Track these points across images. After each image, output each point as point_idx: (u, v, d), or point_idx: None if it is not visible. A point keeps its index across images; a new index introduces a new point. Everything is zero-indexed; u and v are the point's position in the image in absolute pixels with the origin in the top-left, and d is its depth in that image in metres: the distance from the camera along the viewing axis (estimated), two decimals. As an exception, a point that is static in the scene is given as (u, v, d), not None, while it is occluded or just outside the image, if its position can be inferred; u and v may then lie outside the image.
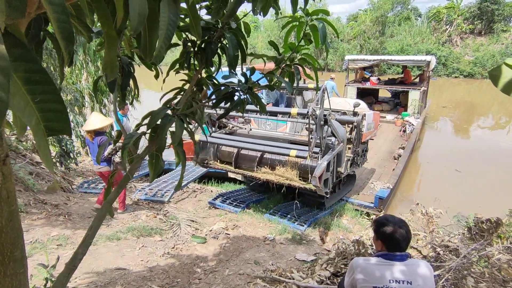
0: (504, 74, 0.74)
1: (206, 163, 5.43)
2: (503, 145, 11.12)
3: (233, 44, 1.69)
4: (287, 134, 5.56)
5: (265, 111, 1.91)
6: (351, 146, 5.44)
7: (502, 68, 0.73)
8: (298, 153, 4.20)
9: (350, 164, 5.44)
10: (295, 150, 4.26)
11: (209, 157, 5.47)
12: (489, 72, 0.78)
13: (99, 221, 1.46)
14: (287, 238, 4.46)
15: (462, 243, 2.72)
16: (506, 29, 27.78)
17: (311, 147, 4.10)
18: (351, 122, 5.26)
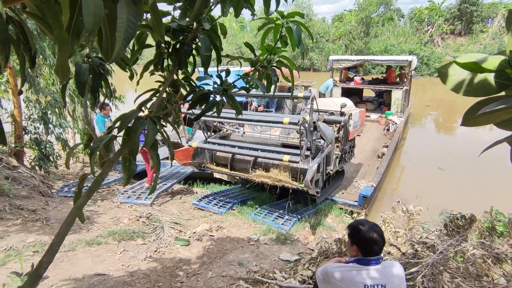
0: (453, 72, 0.74)
1: (203, 167, 5.68)
2: (483, 142, 11.46)
3: (205, 45, 1.67)
4: (279, 136, 5.73)
5: (241, 113, 1.89)
6: (339, 145, 5.70)
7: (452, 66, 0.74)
8: (291, 158, 4.48)
9: (338, 161, 5.78)
10: (287, 155, 4.52)
11: (206, 160, 5.76)
12: (438, 69, 0.78)
13: (67, 227, 1.42)
14: (272, 238, 4.46)
15: (439, 239, 2.78)
16: (484, 30, 28.69)
17: (302, 151, 4.33)
18: (339, 122, 5.52)
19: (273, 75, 2.04)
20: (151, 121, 1.61)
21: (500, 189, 7.58)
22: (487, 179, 8.14)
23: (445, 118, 15.23)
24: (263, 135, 5.93)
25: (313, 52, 32.53)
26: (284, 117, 4.53)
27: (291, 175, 4.92)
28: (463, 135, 12.65)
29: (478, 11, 28.55)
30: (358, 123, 6.65)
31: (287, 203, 5.63)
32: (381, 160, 8.19)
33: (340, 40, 32.18)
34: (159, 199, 6.04)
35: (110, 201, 5.50)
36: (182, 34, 1.75)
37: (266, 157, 4.82)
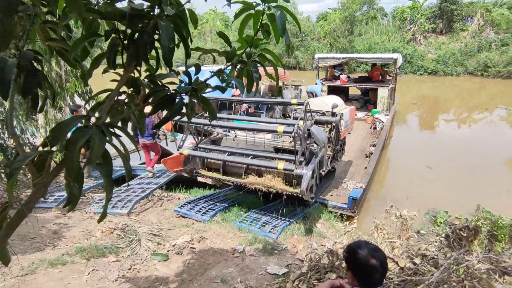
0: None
1: (194, 173, 5.54)
2: (469, 139, 11.53)
3: (168, 34, 1.33)
4: (271, 139, 5.61)
5: (215, 118, 1.58)
6: (330, 145, 5.67)
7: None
8: (286, 166, 4.42)
9: (330, 161, 5.73)
10: (282, 163, 4.46)
11: (197, 166, 5.61)
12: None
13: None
14: (258, 248, 4.15)
15: (440, 251, 2.54)
16: (464, 28, 29.26)
17: (297, 158, 4.27)
18: (330, 122, 5.52)
19: (254, 71, 1.72)
20: (97, 130, 1.26)
21: (487, 186, 7.54)
22: (475, 176, 8.11)
23: (429, 115, 15.32)
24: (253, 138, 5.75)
25: (298, 50, 32.43)
26: (278, 125, 4.43)
27: (284, 180, 4.80)
28: (447, 131, 12.71)
29: (458, 10, 29.08)
30: (349, 122, 6.57)
31: (281, 209, 5.46)
32: (369, 159, 8.03)
33: (325, 38, 32.20)
34: (137, 207, 5.64)
35: (82, 212, 5.07)
36: (141, 21, 1.41)
37: (260, 165, 4.74)
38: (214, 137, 5.97)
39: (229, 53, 1.54)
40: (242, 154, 5.04)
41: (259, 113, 9.89)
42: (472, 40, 27.49)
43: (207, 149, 5.44)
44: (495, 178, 8.06)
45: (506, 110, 15.28)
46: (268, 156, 4.90)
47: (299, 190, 4.33)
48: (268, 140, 5.58)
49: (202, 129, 5.59)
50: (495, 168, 8.73)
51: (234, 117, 6.14)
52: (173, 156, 5.48)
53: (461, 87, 22.87)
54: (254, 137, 5.67)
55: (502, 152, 10.05)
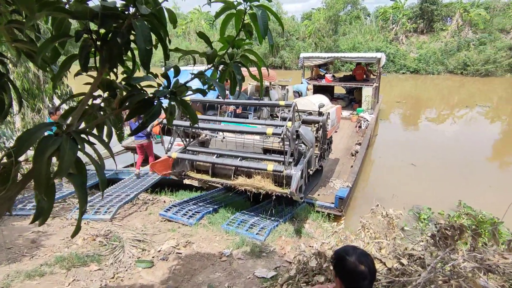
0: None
1: (184, 175, 5.51)
2: (451, 136, 11.82)
3: (144, 35, 1.26)
4: (260, 140, 5.60)
5: (197, 122, 1.51)
6: (318, 144, 5.71)
7: None
8: (275, 167, 4.44)
9: (318, 160, 5.78)
10: (271, 164, 4.48)
11: (186, 168, 5.57)
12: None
13: None
14: (246, 251, 4.09)
15: (427, 251, 2.55)
16: (444, 28, 30.05)
17: (286, 159, 4.29)
18: (317, 122, 5.57)
19: (237, 73, 1.66)
20: (68, 138, 1.18)
21: (469, 182, 7.74)
22: (457, 172, 8.31)
23: (412, 113, 15.64)
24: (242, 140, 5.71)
25: (284, 50, 32.54)
26: (267, 127, 4.44)
27: (274, 180, 4.82)
28: (429, 129, 13.00)
29: (438, 10, 29.84)
30: (335, 121, 6.67)
31: (270, 210, 5.46)
32: (355, 158, 8.09)
33: (310, 38, 32.42)
34: (121, 212, 5.48)
35: (63, 218, 4.88)
36: (115, 21, 1.33)
37: (250, 166, 4.72)
38: (203, 139, 5.91)
39: (210, 55, 1.47)
40: (231, 156, 4.99)
41: (246, 114, 9.84)
42: (451, 40, 28.26)
43: (196, 152, 5.38)
44: (477, 174, 8.27)
45: (485, 107, 15.76)
46: (257, 157, 4.90)
47: (289, 191, 4.34)
48: (257, 141, 5.56)
49: (190, 131, 5.54)
50: (476, 164, 8.98)
51: (222, 119, 6.09)
52: (161, 159, 5.41)
53: (442, 86, 23.47)
54: (242, 138, 5.64)
55: (482, 148, 10.35)
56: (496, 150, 10.63)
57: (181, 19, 44.18)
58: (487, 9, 29.42)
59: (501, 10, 29.74)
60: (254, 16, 1.46)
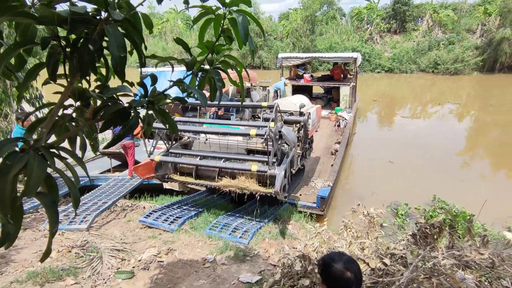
0: None
1: (166, 178, 5.46)
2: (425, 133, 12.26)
3: (117, 42, 1.19)
4: (242, 141, 5.62)
5: (176, 132, 1.45)
6: (299, 143, 5.81)
7: None
8: (259, 168, 4.48)
9: (300, 159, 5.89)
10: (255, 165, 4.51)
11: (169, 171, 5.51)
12: None
13: None
14: (229, 256, 4.04)
15: (408, 249, 2.60)
16: (416, 28, 31.18)
17: (269, 159, 4.34)
18: (299, 122, 5.69)
19: (217, 79, 1.62)
20: (35, 154, 1.09)
21: (443, 176, 8.05)
22: (432, 168, 8.62)
23: (388, 111, 16.10)
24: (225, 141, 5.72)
25: (262, 50, 32.62)
26: (250, 129, 4.49)
27: (258, 181, 4.84)
28: (405, 126, 13.43)
29: (410, 10, 30.91)
30: (316, 120, 6.81)
31: (255, 210, 5.49)
32: (335, 157, 8.21)
33: (288, 38, 32.69)
34: (98, 220, 5.27)
35: (35, 230, 4.63)
36: (86, 27, 1.25)
37: (234, 167, 4.73)
38: (185, 141, 5.87)
39: (189, 62, 1.42)
40: (215, 157, 5.01)
41: (228, 115, 9.81)
42: (423, 39, 29.36)
43: (179, 154, 5.35)
44: (449, 168, 8.62)
45: (456, 104, 16.48)
46: (241, 158, 4.93)
47: (273, 191, 4.39)
48: (240, 142, 5.58)
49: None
50: (449, 159, 9.36)
51: (205, 121, 6.05)
52: (144, 162, 5.31)
53: (415, 84, 24.34)
54: (226, 139, 5.64)
55: (454, 144, 10.82)
56: (467, 145, 11.14)
57: (157, 18, 43.31)
58: (455, 10, 30.82)
59: (467, 11, 31.23)
60: (234, 22, 1.42)
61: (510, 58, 24.92)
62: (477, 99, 18.49)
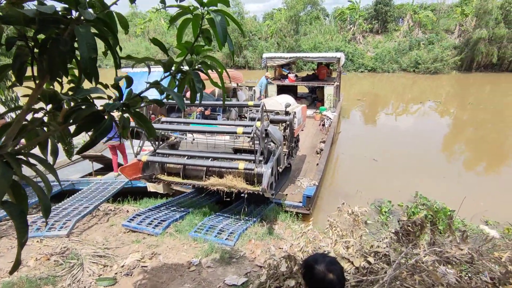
0: None
1: (154, 178, 5.44)
2: (408, 131, 12.54)
3: (87, 43, 1.13)
4: (229, 140, 5.65)
5: (154, 135, 1.41)
6: (286, 142, 5.92)
7: None
8: (246, 166, 4.53)
9: (286, 158, 5.98)
10: (242, 163, 4.56)
11: (156, 171, 5.49)
12: None
13: None
14: (215, 259, 4.00)
15: (391, 247, 2.64)
16: (397, 29, 31.86)
17: (256, 157, 4.39)
18: (284, 121, 5.78)
19: (197, 81, 1.58)
20: (0, 161, 1.04)
21: (425, 173, 8.24)
22: (414, 165, 8.81)
23: (371, 110, 16.38)
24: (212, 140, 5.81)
25: (247, 50, 32.58)
26: (237, 127, 4.52)
27: (245, 179, 4.91)
28: (388, 124, 13.70)
29: (391, 11, 31.55)
30: (301, 120, 6.90)
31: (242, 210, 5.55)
32: (320, 156, 8.28)
33: (272, 38, 32.78)
34: (79, 225, 5.11)
35: (11, 238, 4.44)
36: (56, 27, 1.19)
37: (221, 166, 4.79)
38: (172, 141, 5.84)
39: (166, 62, 1.38)
40: (202, 157, 5.03)
41: (215, 115, 9.76)
42: (404, 39, 30.03)
43: (166, 154, 5.33)
44: (432, 165, 8.85)
45: (436, 103, 16.94)
46: (228, 157, 4.97)
47: (260, 188, 4.47)
48: (227, 142, 5.61)
49: (160, 133, 5.48)
50: (431, 156, 9.60)
51: (191, 121, 6.07)
52: (131, 163, 5.24)
53: (397, 83, 24.87)
54: (212, 139, 5.68)
55: (436, 141, 11.11)
56: (447, 142, 11.45)
57: (140, 18, 42.56)
58: (434, 11, 31.68)
59: (445, 12, 32.17)
60: (212, 22, 1.39)
61: (486, 57, 25.82)
62: (456, 97, 19.07)
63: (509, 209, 6.24)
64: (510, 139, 11.49)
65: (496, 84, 22.54)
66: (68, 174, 7.77)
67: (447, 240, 2.83)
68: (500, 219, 6.03)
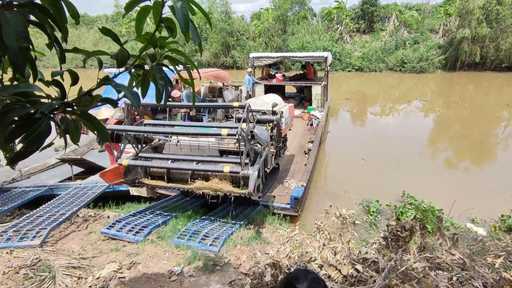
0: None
1: (137, 183, 5.28)
2: (396, 130, 12.57)
3: (16, 30, 0.94)
4: (214, 142, 5.48)
5: (108, 140, 1.22)
6: (273, 143, 5.81)
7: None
8: (232, 169, 4.41)
9: (274, 158, 5.91)
10: (228, 166, 4.45)
11: (139, 175, 5.32)
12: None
13: None
14: (198, 267, 3.80)
15: (380, 253, 2.50)
16: (383, 28, 32.15)
17: (242, 160, 4.28)
18: (271, 121, 5.68)
19: (160, 78, 1.40)
20: None
21: (413, 172, 8.22)
22: (403, 163, 8.79)
23: (359, 109, 16.41)
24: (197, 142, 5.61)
25: (234, 50, 32.36)
26: (222, 129, 4.36)
27: (231, 182, 4.83)
28: (376, 123, 13.72)
29: (377, 11, 31.84)
30: (289, 119, 6.83)
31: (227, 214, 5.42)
32: (308, 156, 8.16)
33: (260, 37, 32.65)
34: (55, 234, 4.84)
35: (-21, 250, 4.14)
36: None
37: (206, 169, 4.67)
38: (155, 144, 5.63)
39: (119, 55, 1.19)
40: (187, 160, 4.90)
41: (200, 116, 9.56)
42: (390, 39, 30.32)
43: (149, 158, 5.13)
44: (419, 164, 8.85)
45: (423, 101, 17.10)
46: (213, 160, 4.83)
47: (247, 191, 4.36)
48: (212, 144, 5.45)
49: (142, 136, 5.26)
50: (418, 154, 9.61)
51: (176, 123, 5.88)
52: (111, 167, 5.02)
53: (384, 82, 25.07)
54: (197, 141, 5.49)
55: (423, 139, 11.17)
56: (434, 141, 11.52)
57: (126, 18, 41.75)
58: (419, 11, 32.13)
59: (430, 12, 32.68)
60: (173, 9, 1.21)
61: (469, 57, 26.32)
62: (441, 95, 19.32)
63: (494, 206, 6.26)
64: (492, 137, 11.66)
65: (479, 83, 23.00)
66: (46, 179, 7.42)
67: (437, 243, 2.71)
68: (486, 216, 6.03)
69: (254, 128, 4.66)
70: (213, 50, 32.64)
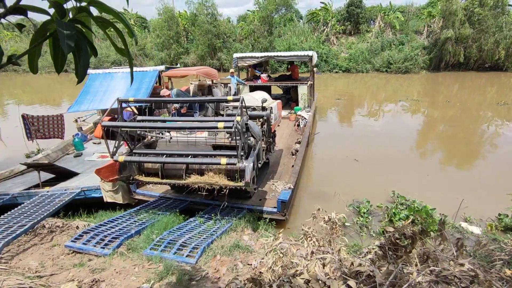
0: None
1: (131, 180, 5.22)
2: (385, 130, 12.37)
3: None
4: (208, 137, 5.42)
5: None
6: (264, 138, 5.91)
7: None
8: (229, 161, 4.39)
9: (265, 153, 6.02)
10: (225, 159, 4.44)
11: (134, 172, 5.25)
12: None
13: None
14: (171, 283, 3.34)
15: (376, 265, 2.12)
16: (369, 30, 32.37)
17: (238, 152, 4.31)
18: (262, 116, 5.78)
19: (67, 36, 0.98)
20: None
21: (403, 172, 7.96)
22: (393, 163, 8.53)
23: (347, 109, 16.21)
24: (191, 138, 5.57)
25: (221, 52, 31.99)
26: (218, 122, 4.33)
27: (226, 175, 4.85)
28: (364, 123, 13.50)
29: (363, 13, 32.01)
30: (277, 115, 6.93)
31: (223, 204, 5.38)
32: (296, 157, 7.81)
33: (247, 39, 32.38)
34: (12, 248, 4.29)
35: None
36: None
37: (203, 162, 4.62)
38: (149, 141, 5.52)
39: None
40: (181, 155, 4.88)
41: (192, 113, 9.37)
42: (376, 40, 30.49)
43: (144, 154, 5.09)
44: (409, 163, 8.61)
45: (410, 101, 17.06)
46: (208, 154, 4.82)
47: (243, 183, 4.44)
48: (207, 139, 5.42)
49: (135, 133, 5.18)
50: (407, 154, 9.39)
51: (169, 119, 5.86)
52: (107, 164, 4.83)
53: (370, 83, 25.09)
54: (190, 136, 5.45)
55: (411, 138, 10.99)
56: (423, 140, 11.36)
57: (109, 20, 40.76)
58: (403, 13, 32.49)
59: (414, 14, 33.10)
60: None
61: (453, 57, 26.66)
62: (426, 95, 19.37)
63: (487, 204, 6.03)
64: (479, 135, 11.59)
65: (463, 83, 23.24)
66: (12, 187, 6.80)
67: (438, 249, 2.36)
68: (480, 215, 5.79)
69: (248, 121, 4.74)
70: (199, 52, 32.18)
